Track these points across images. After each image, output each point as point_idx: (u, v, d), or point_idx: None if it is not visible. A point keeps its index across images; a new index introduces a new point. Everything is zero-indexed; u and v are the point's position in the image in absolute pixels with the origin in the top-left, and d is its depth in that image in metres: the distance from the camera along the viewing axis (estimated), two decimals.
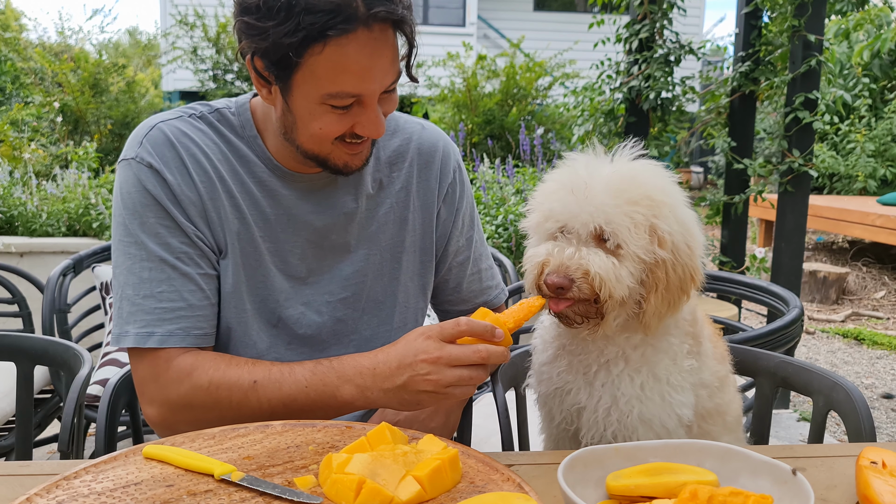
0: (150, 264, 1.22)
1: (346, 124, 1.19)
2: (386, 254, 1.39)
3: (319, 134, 1.19)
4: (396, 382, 1.15)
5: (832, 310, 6.17)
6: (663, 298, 1.12)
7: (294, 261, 1.32)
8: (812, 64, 3.77)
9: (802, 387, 1.49)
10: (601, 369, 1.20)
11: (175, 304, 1.22)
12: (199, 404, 1.21)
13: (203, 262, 1.26)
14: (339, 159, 1.24)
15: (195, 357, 1.22)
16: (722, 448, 0.98)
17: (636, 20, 4.15)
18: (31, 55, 9.05)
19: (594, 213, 1.09)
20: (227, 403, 1.20)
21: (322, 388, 1.19)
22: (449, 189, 1.45)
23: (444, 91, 8.61)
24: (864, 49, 9.17)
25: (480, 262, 1.52)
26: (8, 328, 2.78)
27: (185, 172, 1.24)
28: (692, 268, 1.14)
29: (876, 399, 4.20)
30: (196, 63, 9.35)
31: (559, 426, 1.28)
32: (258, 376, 1.19)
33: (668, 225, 1.10)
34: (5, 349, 1.65)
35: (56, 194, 4.73)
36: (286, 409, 1.20)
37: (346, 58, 1.11)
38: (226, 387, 1.19)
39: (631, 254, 1.09)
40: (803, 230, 4.00)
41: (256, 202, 1.29)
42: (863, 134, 8.99)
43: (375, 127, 1.19)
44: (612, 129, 4.38)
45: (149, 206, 1.23)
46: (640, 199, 1.09)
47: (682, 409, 1.19)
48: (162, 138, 1.25)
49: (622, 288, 1.09)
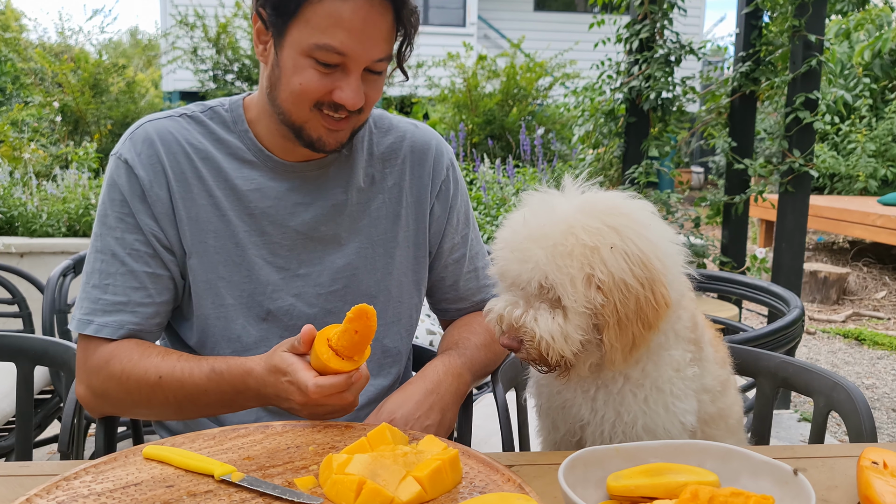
0: (103, 256, 1.29)
1: (325, 85, 1.21)
2: (378, 248, 1.41)
3: (299, 91, 1.21)
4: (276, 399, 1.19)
5: (833, 310, 6.17)
6: (619, 336, 1.09)
7: (283, 252, 1.34)
8: (812, 64, 3.77)
9: (803, 387, 1.48)
10: (600, 389, 1.19)
11: (117, 297, 1.27)
12: (114, 393, 1.27)
13: (154, 261, 1.29)
14: (315, 130, 1.25)
15: (114, 347, 1.27)
16: (723, 448, 0.98)
17: (636, 20, 4.15)
18: (31, 55, 9.05)
19: (533, 269, 1.08)
20: (138, 395, 1.25)
21: (220, 394, 1.23)
22: (442, 186, 1.47)
23: (444, 91, 8.61)
24: (865, 49, 9.17)
25: (477, 260, 1.53)
26: (8, 328, 2.78)
27: (160, 171, 1.29)
28: (653, 298, 1.08)
29: (877, 399, 4.20)
30: (196, 63, 9.35)
31: (564, 437, 1.28)
32: (163, 372, 1.23)
33: (609, 267, 1.06)
34: (5, 349, 1.65)
35: (56, 195, 4.73)
36: (192, 406, 1.26)
37: (341, 13, 1.16)
38: (135, 379, 1.24)
39: (572, 307, 1.07)
40: (804, 230, 4.00)
41: (241, 198, 1.32)
42: (863, 134, 8.99)
43: (353, 94, 1.21)
44: (613, 129, 4.38)
45: (115, 201, 1.29)
46: (573, 248, 1.07)
47: (686, 416, 1.18)
48: (143, 136, 1.30)
49: (572, 345, 1.09)
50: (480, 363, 1.44)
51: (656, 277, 1.09)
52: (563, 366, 1.12)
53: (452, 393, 1.34)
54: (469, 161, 6.30)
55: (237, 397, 1.23)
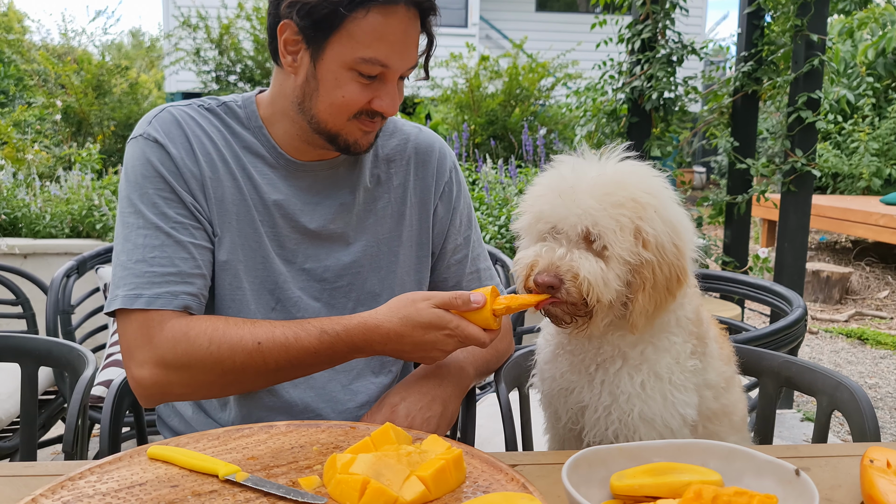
0: (145, 231, 1.26)
1: (367, 96, 1.25)
2: (383, 247, 1.43)
3: (341, 103, 1.25)
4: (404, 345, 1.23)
5: (835, 309, 6.16)
6: (650, 298, 1.13)
7: (291, 246, 1.36)
8: (815, 63, 3.76)
9: (806, 387, 1.48)
10: (599, 368, 1.21)
11: (166, 268, 1.24)
12: (198, 364, 1.21)
13: (198, 233, 1.29)
14: (351, 136, 1.29)
15: (189, 319, 1.23)
16: (726, 448, 0.98)
17: (638, 20, 4.15)
18: (34, 57, 9.06)
19: (581, 215, 1.10)
20: (231, 364, 1.21)
21: (331, 354, 1.24)
22: (445, 188, 1.50)
23: (446, 92, 8.60)
24: (869, 48, 9.15)
25: (479, 262, 1.55)
26: (12, 329, 2.78)
27: (189, 149, 1.30)
28: (679, 268, 1.14)
29: (880, 399, 4.19)
30: (199, 64, 9.35)
31: (565, 426, 1.28)
32: (262, 338, 1.21)
33: (653, 226, 1.11)
34: (9, 350, 1.66)
35: (59, 196, 4.74)
36: (293, 370, 1.25)
37: (386, 27, 1.20)
38: (227, 346, 1.21)
39: (617, 256, 1.10)
40: (806, 230, 3.99)
41: (257, 187, 1.34)
42: (867, 133, 8.98)
43: (392, 102, 1.26)
44: (615, 129, 4.37)
45: (150, 177, 1.28)
46: (625, 201, 1.10)
47: (686, 409, 1.19)
48: (170, 118, 1.32)
49: (610, 292, 1.11)
50: (483, 359, 1.46)
51: (683, 250, 1.15)
52: (590, 314, 1.14)
53: (454, 386, 1.35)
54: (471, 161, 6.30)
55: (352, 354, 1.25)
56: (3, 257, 4.03)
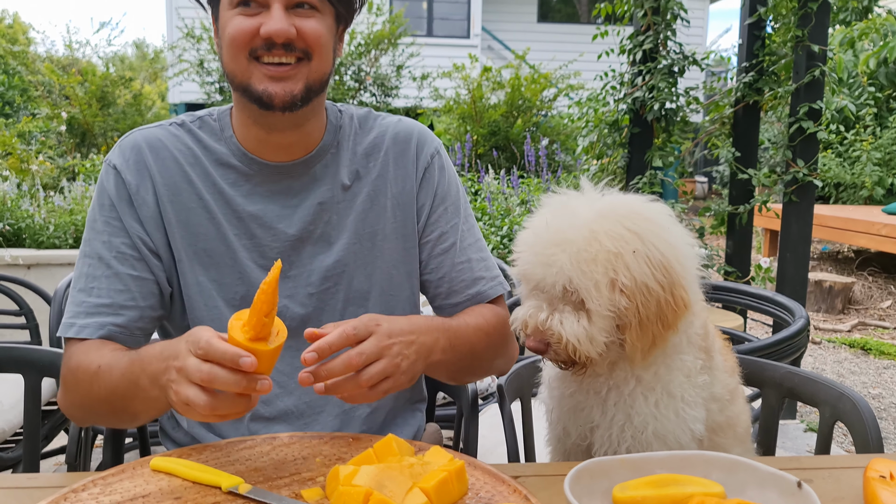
0: (89, 260, 1.30)
1: (252, 26, 1.22)
2: (366, 242, 1.39)
3: (230, 41, 1.23)
4: (160, 381, 1.07)
5: (838, 319, 6.15)
6: (640, 336, 1.11)
7: (273, 255, 1.34)
8: (816, 74, 3.78)
9: (809, 397, 1.48)
10: (612, 390, 1.20)
11: (100, 300, 1.27)
12: (70, 386, 1.25)
13: (139, 265, 1.30)
14: (259, 82, 1.25)
15: (92, 346, 1.25)
16: (729, 459, 0.98)
17: (640, 31, 4.17)
18: (39, 69, 9.11)
19: (557, 274, 1.11)
20: (83, 388, 1.22)
21: (135, 382, 1.12)
22: (426, 173, 1.44)
23: (449, 102, 8.63)
24: (870, 57, 9.17)
25: (470, 251, 1.46)
26: (15, 340, 2.79)
27: (146, 176, 1.31)
28: (673, 301, 1.11)
29: (883, 409, 4.17)
30: (202, 75, 9.41)
31: (574, 442, 1.28)
32: (103, 361, 1.20)
33: (631, 272, 1.09)
34: (13, 361, 1.66)
35: (63, 206, 4.76)
36: (113, 397, 1.17)
37: None
38: (82, 370, 1.22)
39: (596, 311, 1.10)
40: (808, 240, 3.99)
41: (229, 202, 1.33)
42: (868, 142, 8.98)
43: (276, 23, 1.21)
44: (617, 139, 4.39)
45: (104, 205, 1.31)
46: (598, 254, 1.09)
47: (695, 424, 1.19)
48: (132, 144, 1.33)
49: (598, 346, 1.12)
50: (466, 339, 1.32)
51: (676, 281, 1.12)
52: (585, 364, 1.15)
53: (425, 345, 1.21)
54: (474, 172, 6.31)
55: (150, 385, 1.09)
56: (7, 268, 4.04)
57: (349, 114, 1.44)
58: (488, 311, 1.40)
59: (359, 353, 1.07)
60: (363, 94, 9.62)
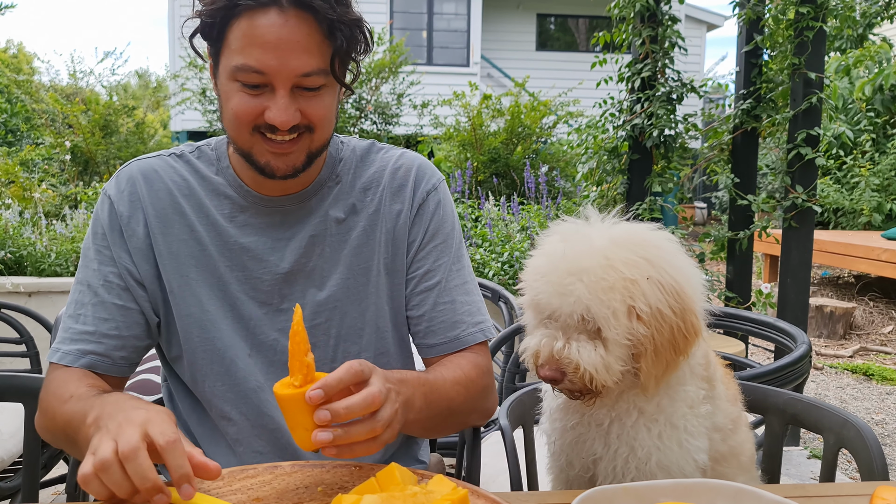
0: (80, 287, 1.32)
1: (256, 107, 1.19)
2: (360, 277, 1.36)
3: (234, 117, 1.21)
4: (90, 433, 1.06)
5: (840, 345, 6.13)
6: (654, 362, 1.12)
7: (265, 288, 1.33)
8: (813, 101, 3.81)
9: (812, 424, 1.47)
10: (614, 422, 1.20)
11: (85, 327, 1.28)
12: (44, 408, 1.25)
13: (125, 294, 1.31)
14: (261, 156, 1.24)
15: (72, 373, 1.25)
16: (733, 488, 0.98)
17: (638, 59, 4.22)
18: (42, 97, 9.20)
19: (575, 303, 1.10)
20: (51, 414, 1.23)
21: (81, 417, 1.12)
22: (420, 209, 1.40)
23: (449, 130, 8.69)
24: (866, 84, 9.27)
25: (455, 292, 1.39)
26: (16, 368, 2.78)
27: (139, 207, 1.32)
28: (685, 327, 1.12)
29: (887, 435, 4.14)
30: (205, 104, 9.49)
31: (577, 473, 1.28)
32: (77, 393, 1.19)
33: (647, 299, 1.10)
34: (13, 389, 1.65)
35: (65, 234, 4.77)
36: (69, 429, 1.16)
37: (254, 30, 1.15)
38: (57, 396, 1.22)
39: (613, 339, 1.10)
40: (809, 265, 4.00)
41: (222, 234, 1.33)
42: (867, 168, 9.03)
43: (280, 112, 1.18)
44: (616, 166, 4.42)
45: (97, 234, 1.33)
46: (615, 283, 1.09)
47: (699, 455, 1.19)
48: (128, 175, 1.34)
49: (614, 374, 1.12)
50: (444, 394, 1.28)
51: (688, 307, 1.13)
52: (598, 393, 1.14)
53: (409, 399, 1.17)
54: (474, 199, 6.34)
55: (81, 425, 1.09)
56: (8, 296, 4.04)
57: (351, 146, 1.42)
58: (466, 363, 1.34)
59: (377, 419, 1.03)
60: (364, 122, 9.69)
